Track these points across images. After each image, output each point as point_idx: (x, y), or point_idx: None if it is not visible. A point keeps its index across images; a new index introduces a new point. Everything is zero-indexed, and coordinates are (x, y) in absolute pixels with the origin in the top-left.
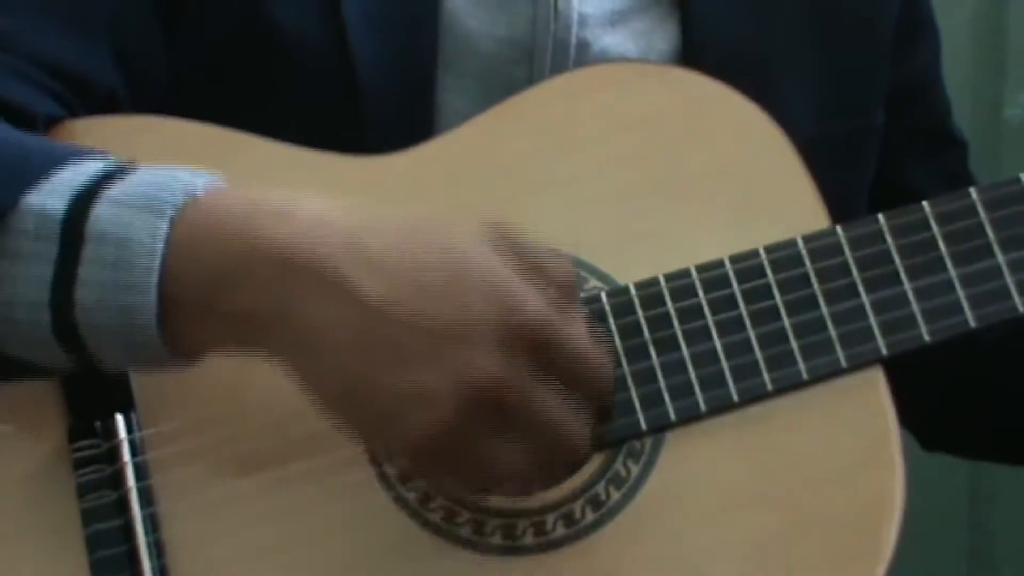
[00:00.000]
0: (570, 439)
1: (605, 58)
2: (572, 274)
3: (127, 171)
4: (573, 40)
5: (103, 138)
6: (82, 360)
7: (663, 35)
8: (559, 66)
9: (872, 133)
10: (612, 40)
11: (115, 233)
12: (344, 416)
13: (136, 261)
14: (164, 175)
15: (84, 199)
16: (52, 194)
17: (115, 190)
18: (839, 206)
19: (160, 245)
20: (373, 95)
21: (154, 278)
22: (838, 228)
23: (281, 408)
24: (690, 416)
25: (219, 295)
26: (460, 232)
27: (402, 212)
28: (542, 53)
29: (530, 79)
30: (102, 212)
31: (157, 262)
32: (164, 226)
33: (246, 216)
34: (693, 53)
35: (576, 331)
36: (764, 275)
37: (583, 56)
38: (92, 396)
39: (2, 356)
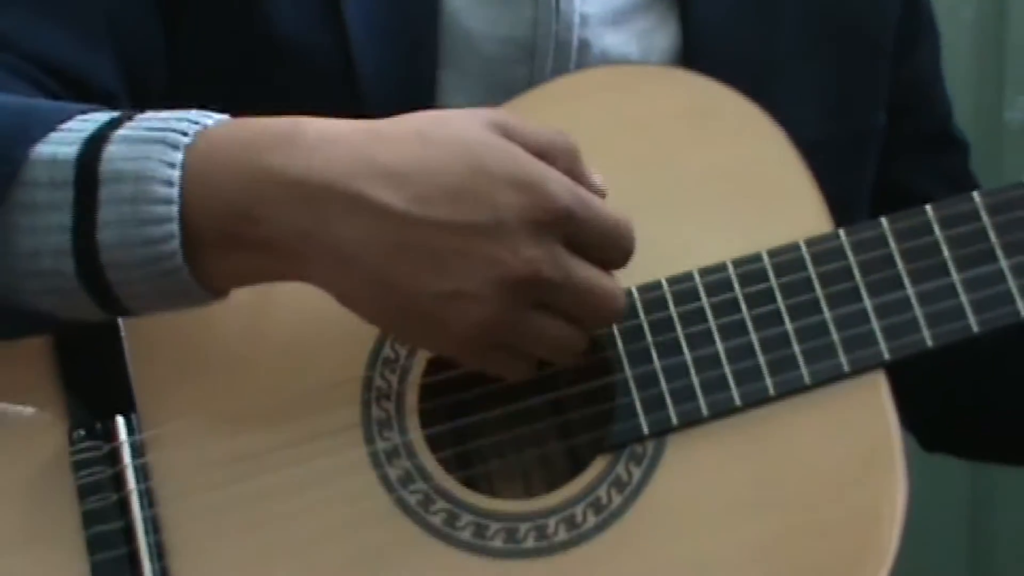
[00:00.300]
0: (608, 298)
1: (606, 58)
2: (575, 148)
3: (133, 115)
4: (574, 40)
5: None
6: (111, 306)
7: (664, 35)
8: (561, 66)
9: (873, 134)
10: (613, 40)
11: (130, 168)
12: (390, 327)
13: (155, 192)
14: (171, 113)
15: (96, 141)
16: (62, 143)
17: (124, 130)
18: (840, 208)
19: (177, 173)
20: (374, 97)
21: (175, 207)
22: (841, 232)
23: (282, 411)
24: (692, 420)
25: (241, 226)
26: (467, 126)
27: (404, 119)
28: (543, 53)
29: (531, 79)
30: (115, 151)
31: (176, 192)
32: (179, 156)
33: (258, 143)
34: (694, 53)
35: (594, 201)
36: (767, 279)
37: (584, 56)
38: (92, 398)
39: (34, 312)
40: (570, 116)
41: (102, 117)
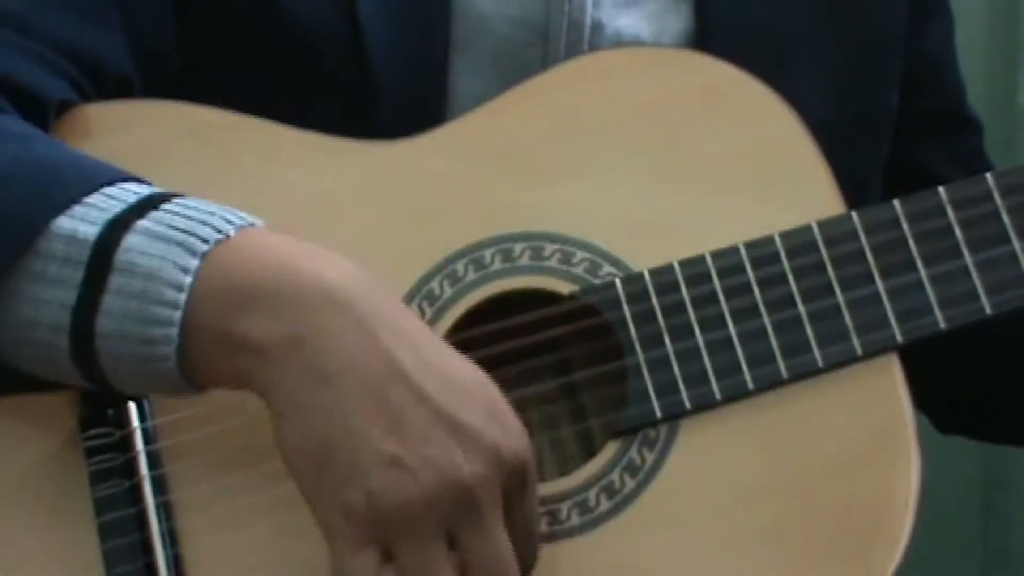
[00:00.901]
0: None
1: (619, 39)
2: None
3: (162, 201)
4: (588, 21)
5: (115, 122)
6: (96, 382)
7: (677, 16)
8: (573, 47)
9: (886, 115)
10: (626, 21)
11: (144, 265)
12: (311, 454)
13: (163, 294)
14: (200, 210)
15: (117, 227)
16: (84, 219)
17: (149, 220)
18: (853, 190)
19: (188, 280)
20: (386, 80)
21: (179, 313)
22: (853, 214)
23: None
24: (705, 404)
25: (238, 316)
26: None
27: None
28: (556, 34)
29: (544, 61)
30: (134, 242)
31: (183, 297)
32: (195, 263)
33: (285, 253)
34: (707, 34)
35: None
36: (779, 261)
37: (597, 37)
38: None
39: (18, 372)
40: (583, 98)
41: (128, 196)
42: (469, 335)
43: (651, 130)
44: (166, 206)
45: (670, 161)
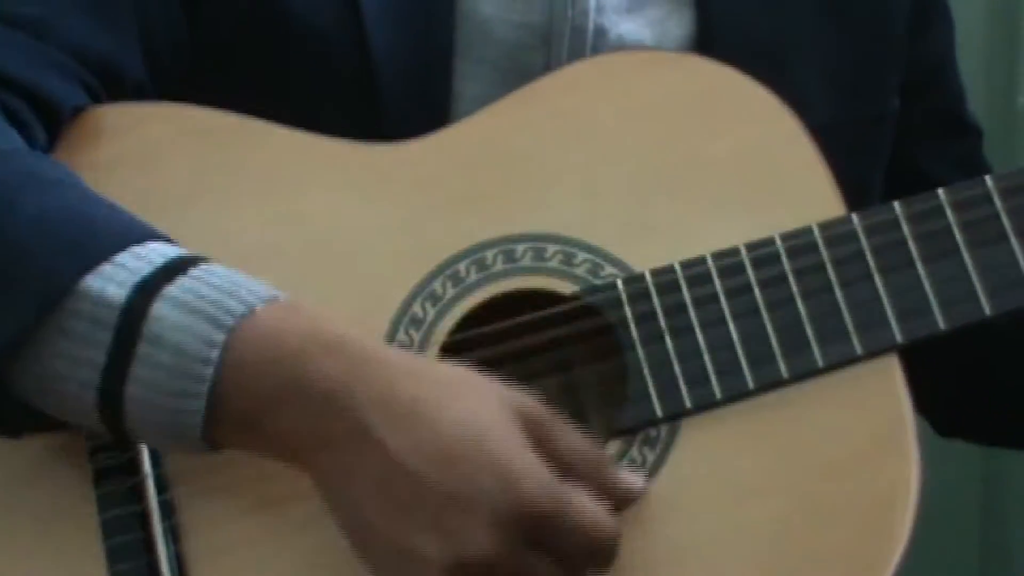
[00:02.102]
0: None
1: (622, 44)
2: (602, 459)
3: (188, 267)
4: (590, 26)
5: (120, 124)
6: (119, 435)
7: (679, 22)
8: (576, 52)
9: (886, 119)
10: (629, 27)
11: (172, 339)
12: (355, 550)
13: (191, 369)
14: (226, 281)
15: (145, 292)
16: (112, 280)
17: (175, 288)
18: (853, 192)
19: (215, 354)
20: (389, 83)
21: (206, 387)
22: (854, 216)
23: None
24: (706, 403)
25: (264, 415)
26: (492, 400)
27: (447, 369)
28: (559, 39)
29: (547, 65)
30: (162, 312)
31: (211, 372)
32: (222, 337)
33: (299, 345)
34: (708, 40)
35: (578, 513)
36: (780, 262)
37: (600, 42)
38: None
39: (34, 414)
40: (585, 101)
41: (155, 258)
42: (471, 335)
43: (653, 133)
44: (194, 272)
45: (671, 163)
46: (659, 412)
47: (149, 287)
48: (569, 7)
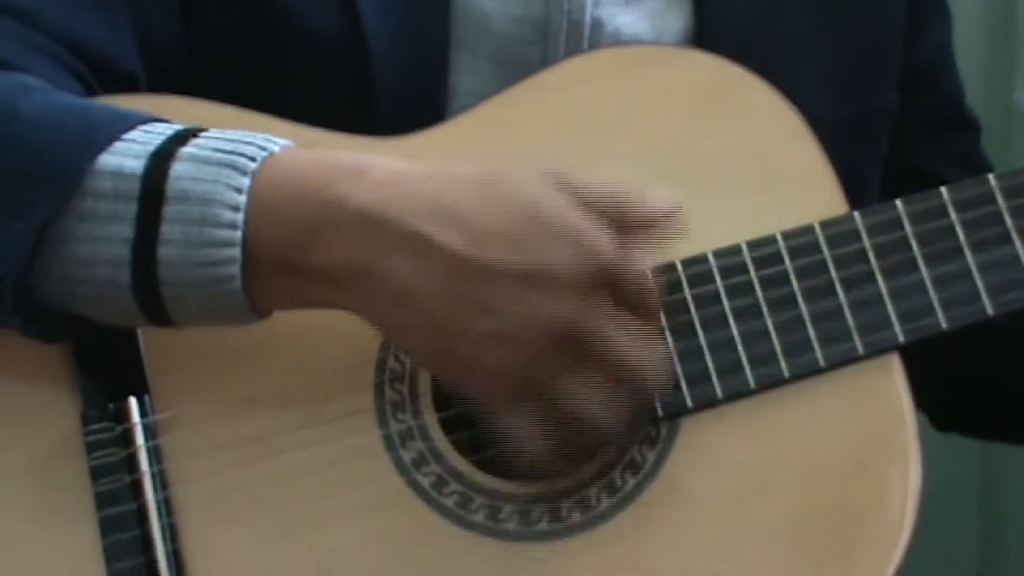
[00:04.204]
0: (646, 372)
1: (619, 38)
2: (639, 210)
3: (199, 131)
4: (587, 19)
5: None
6: (156, 315)
7: (677, 15)
8: (574, 46)
9: (885, 114)
10: (626, 19)
11: (198, 190)
12: (431, 363)
13: (221, 216)
14: (239, 134)
15: (162, 157)
16: (127, 155)
17: (191, 148)
18: (853, 189)
19: (243, 199)
20: (386, 77)
21: (239, 232)
22: (856, 214)
23: (296, 393)
24: (706, 402)
25: (301, 252)
26: (528, 179)
27: (469, 164)
28: (556, 33)
29: (544, 59)
30: (182, 169)
31: (241, 217)
32: (247, 181)
33: (324, 174)
34: (706, 33)
35: (643, 266)
36: (782, 261)
37: (597, 35)
38: (105, 379)
39: (72, 317)
40: (583, 96)
41: (165, 130)
42: None
43: (652, 128)
44: (204, 134)
45: (671, 159)
46: (660, 411)
47: (165, 152)
48: (566, 0)
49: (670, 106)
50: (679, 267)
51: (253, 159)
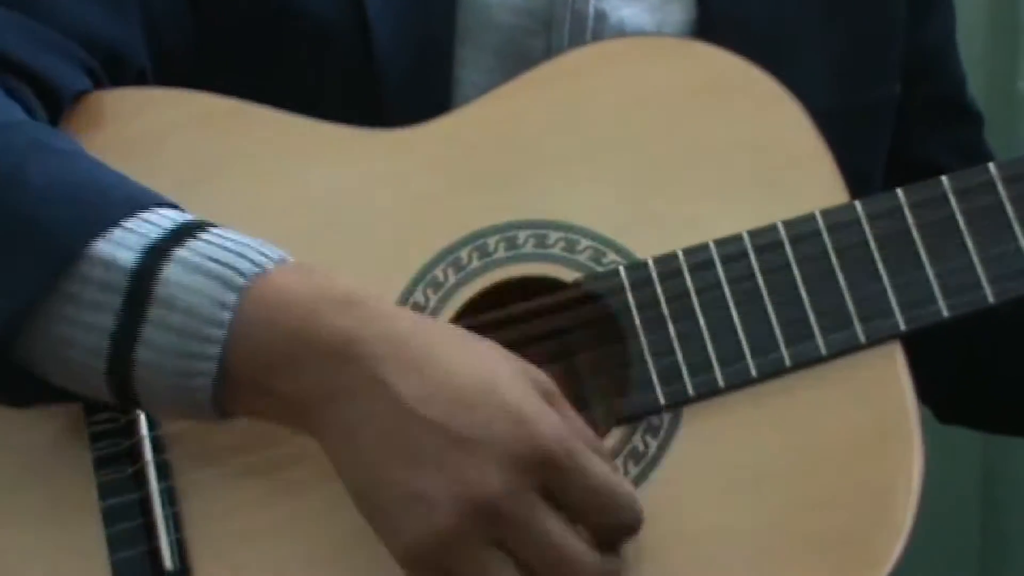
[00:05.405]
0: (572, 563)
1: (622, 29)
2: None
3: (198, 231)
4: (591, 11)
5: (125, 108)
6: (126, 403)
7: (679, 6)
8: (577, 37)
9: (887, 104)
10: (629, 11)
11: (184, 300)
12: (359, 506)
13: (203, 331)
14: (237, 243)
15: (155, 255)
16: (122, 245)
17: (186, 251)
18: (855, 179)
19: (227, 316)
20: (390, 69)
21: (218, 349)
22: (856, 203)
23: None
24: (708, 391)
25: (272, 375)
26: (501, 355)
27: (456, 327)
28: (560, 24)
29: (548, 51)
30: (172, 274)
31: (222, 334)
32: (233, 298)
33: (311, 303)
34: (709, 24)
35: (590, 460)
36: (783, 249)
37: (600, 27)
38: None
39: (40, 383)
40: (586, 88)
41: (164, 222)
42: (473, 323)
43: (655, 119)
44: (203, 235)
45: (674, 150)
46: (662, 400)
47: (159, 250)
48: None
49: (672, 96)
50: (680, 256)
51: (244, 275)
